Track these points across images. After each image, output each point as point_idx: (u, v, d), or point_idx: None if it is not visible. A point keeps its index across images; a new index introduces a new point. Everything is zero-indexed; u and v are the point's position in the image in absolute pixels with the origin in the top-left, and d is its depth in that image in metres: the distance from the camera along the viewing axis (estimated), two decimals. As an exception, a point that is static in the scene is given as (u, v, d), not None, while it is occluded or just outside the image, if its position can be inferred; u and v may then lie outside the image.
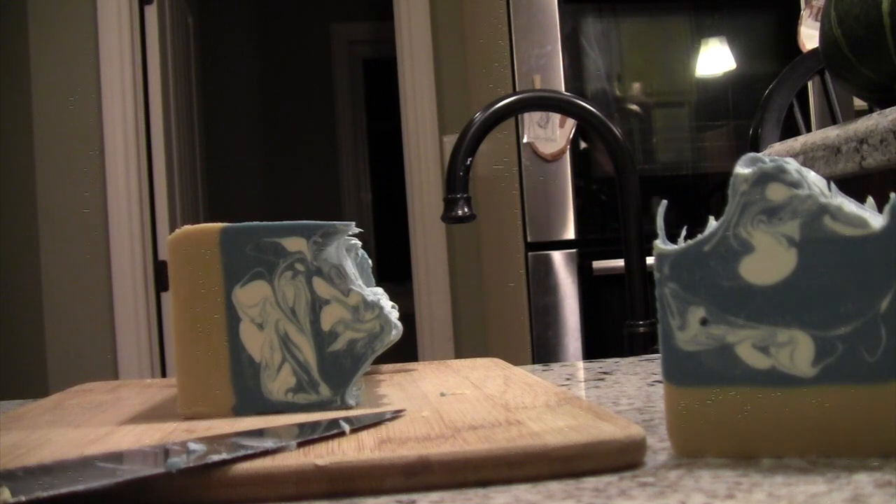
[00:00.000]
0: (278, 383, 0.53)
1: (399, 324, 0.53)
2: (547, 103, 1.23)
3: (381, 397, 0.55)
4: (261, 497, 0.37)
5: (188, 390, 0.53)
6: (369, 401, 0.54)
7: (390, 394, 0.57)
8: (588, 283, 2.37)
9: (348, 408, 0.52)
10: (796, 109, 1.61)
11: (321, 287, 0.53)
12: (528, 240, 2.38)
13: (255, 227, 0.53)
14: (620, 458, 0.38)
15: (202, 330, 0.53)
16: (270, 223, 0.53)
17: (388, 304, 0.54)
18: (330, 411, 0.52)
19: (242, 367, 0.53)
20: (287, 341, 0.53)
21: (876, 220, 0.36)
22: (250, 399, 0.53)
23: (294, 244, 0.53)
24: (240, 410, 0.53)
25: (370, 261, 0.64)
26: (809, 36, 2.47)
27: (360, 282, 0.53)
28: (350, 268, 0.53)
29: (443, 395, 0.54)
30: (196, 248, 0.53)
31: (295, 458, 0.38)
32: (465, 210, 0.99)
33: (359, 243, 0.57)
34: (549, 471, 0.38)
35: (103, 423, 0.51)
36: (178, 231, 0.54)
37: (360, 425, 0.44)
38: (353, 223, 0.54)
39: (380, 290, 0.55)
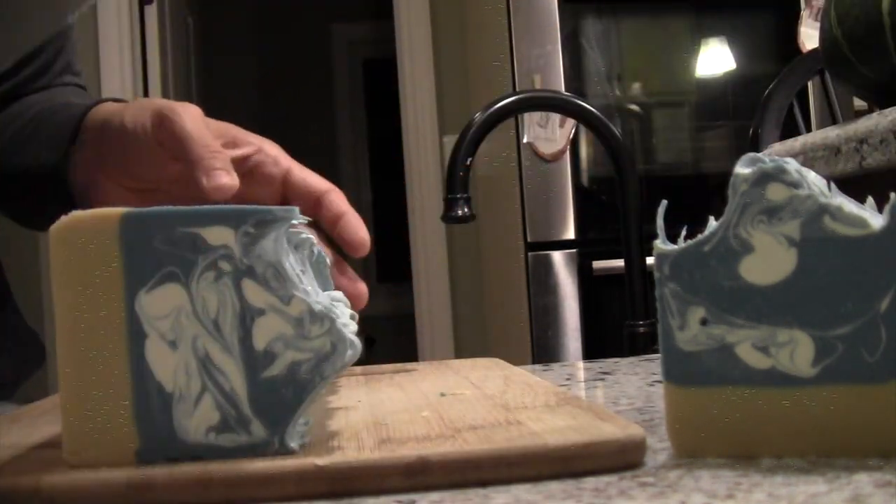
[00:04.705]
0: (196, 420, 0.40)
1: (356, 340, 0.40)
2: (547, 103, 1.23)
3: (381, 398, 0.55)
4: (260, 497, 0.37)
5: (77, 430, 0.40)
6: (369, 401, 0.54)
7: (390, 394, 0.56)
8: (588, 283, 2.37)
9: (289, 452, 0.40)
10: (796, 109, 1.61)
11: (253, 293, 0.40)
12: (528, 240, 2.38)
13: (166, 213, 0.40)
14: (620, 458, 0.38)
15: (95, 349, 0.40)
16: (187, 207, 0.41)
17: (345, 314, 0.42)
18: (265, 458, 0.40)
19: (149, 399, 0.39)
20: (208, 364, 0.40)
21: (876, 220, 0.36)
22: (159, 441, 0.40)
23: (218, 236, 0.40)
24: (145, 456, 0.40)
25: (328, 259, 0.52)
26: (809, 36, 2.47)
27: (305, 286, 0.40)
28: (291, 267, 0.40)
29: (443, 395, 0.54)
30: (88, 239, 0.40)
31: (295, 458, 0.38)
32: (465, 210, 0.99)
33: (312, 238, 0.44)
34: (549, 471, 0.38)
35: (103, 423, 0.50)
36: (64, 217, 0.42)
37: None
38: (297, 209, 0.41)
39: (339, 294, 0.44)
